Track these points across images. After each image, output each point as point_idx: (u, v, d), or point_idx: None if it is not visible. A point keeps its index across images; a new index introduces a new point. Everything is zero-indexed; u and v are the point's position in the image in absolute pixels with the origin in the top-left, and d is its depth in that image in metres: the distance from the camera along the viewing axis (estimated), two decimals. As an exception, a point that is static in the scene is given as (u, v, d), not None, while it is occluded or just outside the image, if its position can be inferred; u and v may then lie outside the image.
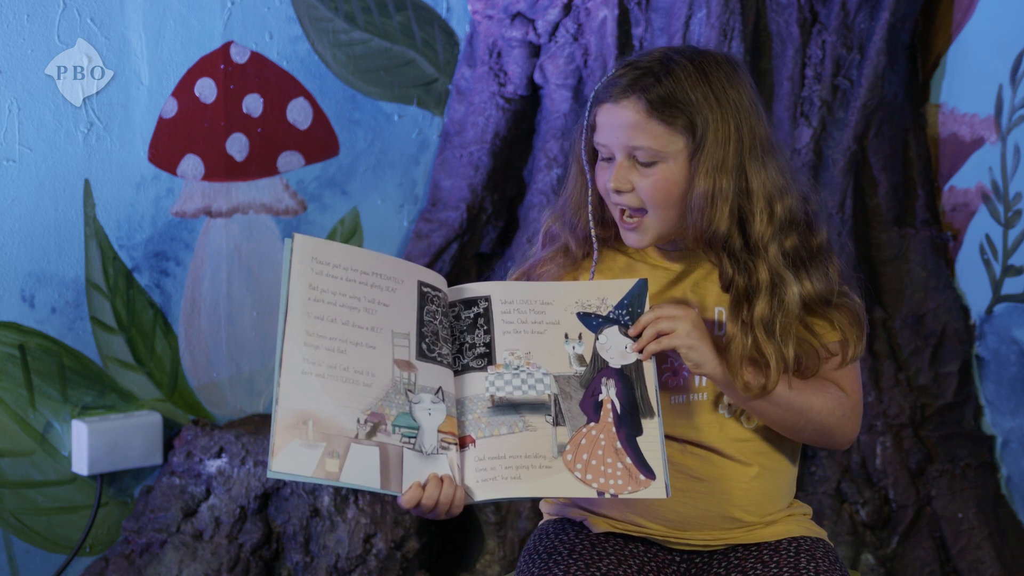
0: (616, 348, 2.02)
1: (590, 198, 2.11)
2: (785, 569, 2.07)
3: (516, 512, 3.25)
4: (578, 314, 2.03)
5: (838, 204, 3.32)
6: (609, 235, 2.14)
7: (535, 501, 3.22)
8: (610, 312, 2.03)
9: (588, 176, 2.10)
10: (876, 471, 3.31)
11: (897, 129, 3.41)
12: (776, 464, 2.14)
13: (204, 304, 3.22)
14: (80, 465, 3.09)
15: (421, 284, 1.99)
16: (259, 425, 3.25)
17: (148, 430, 3.15)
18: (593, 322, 2.03)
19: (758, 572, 2.08)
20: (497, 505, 3.23)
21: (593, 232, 2.11)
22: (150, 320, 3.17)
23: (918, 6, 3.39)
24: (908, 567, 3.30)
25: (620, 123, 2.04)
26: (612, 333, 2.02)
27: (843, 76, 3.32)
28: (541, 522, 2.22)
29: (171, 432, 3.20)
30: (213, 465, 3.14)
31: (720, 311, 2.10)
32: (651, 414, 1.99)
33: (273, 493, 3.15)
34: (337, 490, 3.12)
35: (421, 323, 1.97)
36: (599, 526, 2.14)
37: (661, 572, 2.12)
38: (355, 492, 3.14)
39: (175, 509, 3.13)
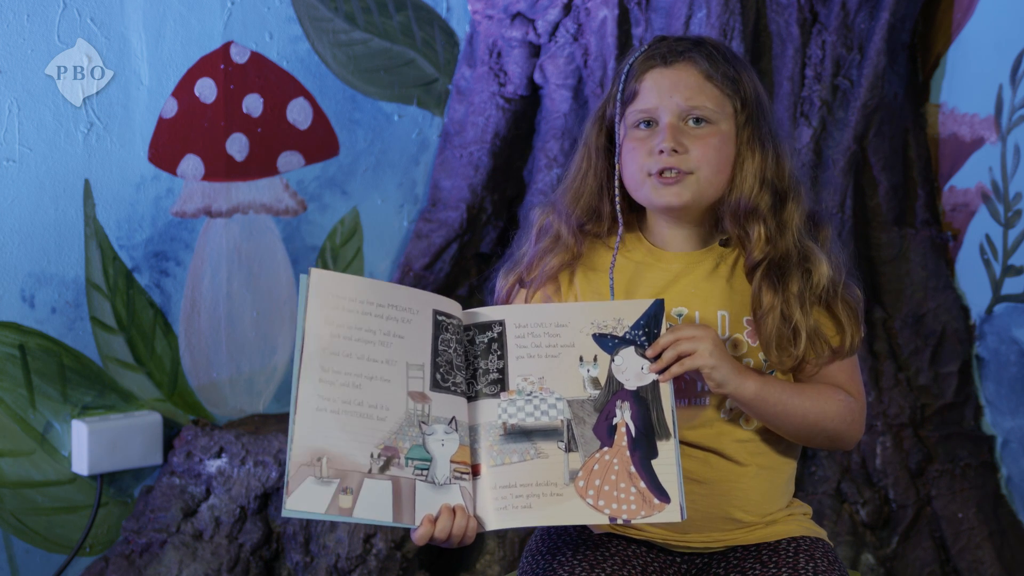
0: (632, 369, 2.00)
1: (616, 180, 2.11)
2: (784, 569, 2.07)
3: (516, 512, 3.25)
4: (594, 336, 2.01)
5: (838, 204, 3.32)
6: (601, 230, 2.14)
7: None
8: (626, 333, 2.01)
9: (617, 149, 2.10)
10: (876, 471, 3.31)
11: (897, 129, 3.41)
12: (775, 464, 2.14)
13: (204, 304, 3.22)
14: (80, 465, 3.09)
15: (436, 313, 1.99)
16: (259, 425, 3.25)
17: (148, 430, 3.15)
18: (609, 343, 2.01)
19: (757, 572, 2.08)
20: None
21: (619, 209, 2.11)
22: (150, 320, 3.17)
23: (918, 6, 3.39)
24: (908, 567, 3.30)
25: (674, 83, 2.06)
26: (628, 354, 2.01)
27: (843, 76, 3.32)
28: (542, 522, 2.22)
29: (171, 432, 3.20)
30: (213, 465, 3.14)
31: (723, 315, 2.10)
32: (667, 436, 1.97)
33: (273, 493, 3.15)
34: (337, 490, 3.12)
35: (436, 353, 1.97)
36: (600, 527, 2.14)
37: (663, 573, 2.12)
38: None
39: (175, 509, 3.13)
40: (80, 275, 3.09)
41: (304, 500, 1.85)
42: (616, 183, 2.11)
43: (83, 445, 3.07)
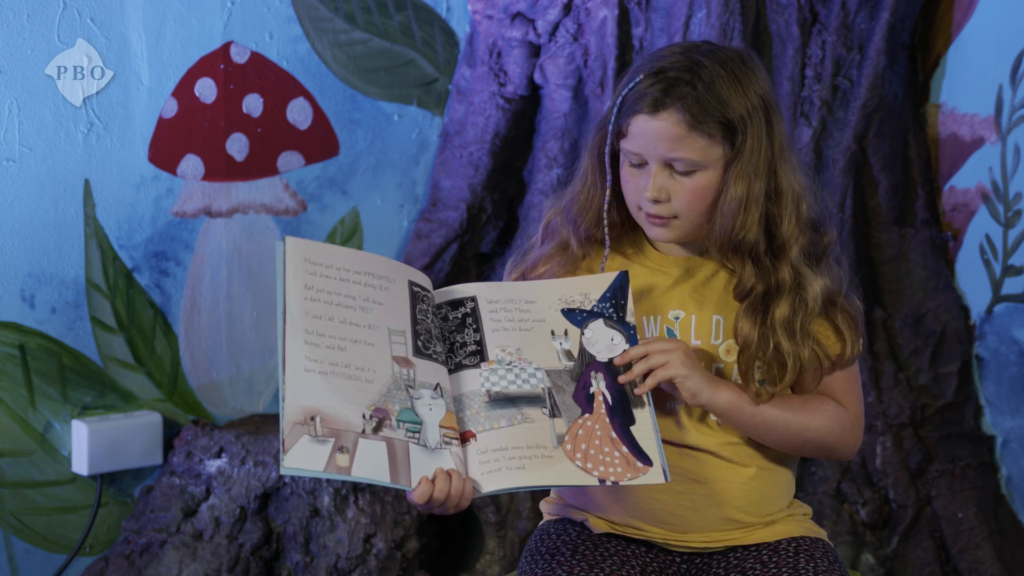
0: (603, 342, 2.03)
1: (606, 202, 2.10)
2: (784, 569, 2.07)
3: (516, 512, 3.26)
4: (562, 311, 2.04)
5: (838, 204, 3.32)
6: (612, 236, 2.14)
7: (535, 500, 3.22)
8: (594, 306, 2.04)
9: (609, 178, 2.09)
10: (876, 471, 3.31)
11: (897, 129, 3.41)
12: (773, 465, 2.14)
13: (204, 304, 3.22)
14: (80, 465, 3.09)
15: (411, 284, 2.01)
16: (259, 425, 3.25)
17: (148, 430, 3.15)
18: (577, 317, 2.04)
19: (757, 572, 2.08)
20: (497, 505, 3.23)
21: (607, 236, 2.11)
22: (150, 320, 3.17)
23: (918, 6, 3.39)
24: (908, 567, 3.30)
25: (659, 136, 2.01)
26: (597, 327, 2.03)
27: (843, 76, 3.32)
28: (541, 522, 2.22)
29: (171, 432, 3.20)
30: (213, 465, 3.14)
31: (718, 319, 2.10)
32: (642, 404, 2.00)
33: (273, 493, 3.15)
34: (337, 490, 3.12)
35: (415, 321, 1.99)
36: (600, 527, 2.14)
37: (663, 573, 2.12)
38: (355, 491, 3.14)
39: (175, 509, 3.13)
40: (80, 275, 3.09)
41: (301, 458, 1.84)
42: (606, 206, 2.11)
43: (83, 445, 3.07)
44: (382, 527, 3.14)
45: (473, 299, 2.03)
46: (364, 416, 1.89)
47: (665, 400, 2.08)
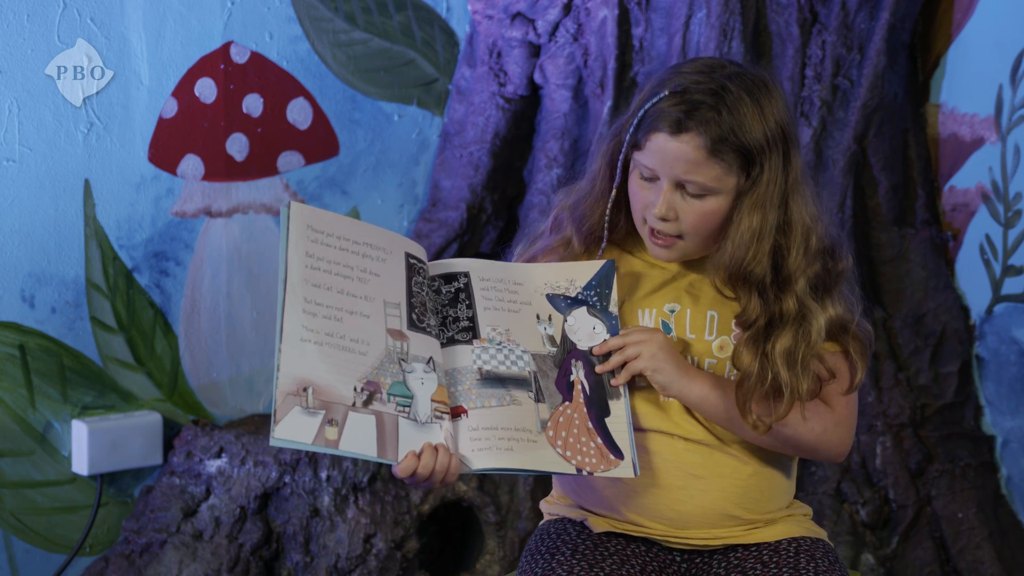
0: (584, 330, 2.05)
1: (610, 203, 2.11)
2: (785, 569, 2.07)
3: (516, 512, 3.26)
4: (547, 295, 2.06)
5: (838, 204, 3.32)
6: (615, 237, 2.15)
7: (535, 500, 3.22)
8: (578, 293, 2.06)
9: (617, 180, 2.09)
10: (876, 471, 3.31)
11: (897, 129, 3.41)
12: (774, 462, 2.14)
13: (204, 304, 3.22)
14: (80, 465, 3.09)
15: (408, 256, 2.01)
16: (259, 425, 3.25)
17: (148, 430, 3.15)
18: (561, 303, 2.06)
19: (758, 572, 2.08)
20: (497, 505, 3.23)
21: (607, 231, 2.11)
22: (150, 320, 3.17)
23: (918, 6, 3.39)
24: (908, 567, 3.30)
25: (676, 157, 2.01)
26: (580, 315, 2.05)
27: (843, 76, 3.32)
28: (542, 522, 2.22)
29: (171, 432, 3.20)
30: (213, 465, 3.14)
31: (712, 315, 2.10)
32: (617, 396, 2.02)
33: (273, 493, 3.15)
34: (337, 490, 3.12)
35: (410, 294, 1.99)
36: (599, 526, 2.14)
37: (663, 572, 2.13)
38: (355, 492, 3.14)
39: (175, 509, 3.13)
40: (80, 275, 3.09)
41: (291, 430, 1.85)
42: (609, 204, 2.11)
43: (83, 445, 3.07)
44: (382, 527, 3.14)
45: (467, 275, 2.05)
46: (356, 389, 1.90)
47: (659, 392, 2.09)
